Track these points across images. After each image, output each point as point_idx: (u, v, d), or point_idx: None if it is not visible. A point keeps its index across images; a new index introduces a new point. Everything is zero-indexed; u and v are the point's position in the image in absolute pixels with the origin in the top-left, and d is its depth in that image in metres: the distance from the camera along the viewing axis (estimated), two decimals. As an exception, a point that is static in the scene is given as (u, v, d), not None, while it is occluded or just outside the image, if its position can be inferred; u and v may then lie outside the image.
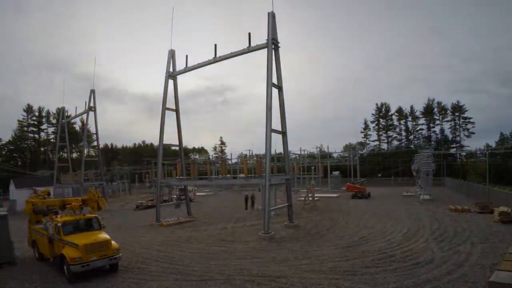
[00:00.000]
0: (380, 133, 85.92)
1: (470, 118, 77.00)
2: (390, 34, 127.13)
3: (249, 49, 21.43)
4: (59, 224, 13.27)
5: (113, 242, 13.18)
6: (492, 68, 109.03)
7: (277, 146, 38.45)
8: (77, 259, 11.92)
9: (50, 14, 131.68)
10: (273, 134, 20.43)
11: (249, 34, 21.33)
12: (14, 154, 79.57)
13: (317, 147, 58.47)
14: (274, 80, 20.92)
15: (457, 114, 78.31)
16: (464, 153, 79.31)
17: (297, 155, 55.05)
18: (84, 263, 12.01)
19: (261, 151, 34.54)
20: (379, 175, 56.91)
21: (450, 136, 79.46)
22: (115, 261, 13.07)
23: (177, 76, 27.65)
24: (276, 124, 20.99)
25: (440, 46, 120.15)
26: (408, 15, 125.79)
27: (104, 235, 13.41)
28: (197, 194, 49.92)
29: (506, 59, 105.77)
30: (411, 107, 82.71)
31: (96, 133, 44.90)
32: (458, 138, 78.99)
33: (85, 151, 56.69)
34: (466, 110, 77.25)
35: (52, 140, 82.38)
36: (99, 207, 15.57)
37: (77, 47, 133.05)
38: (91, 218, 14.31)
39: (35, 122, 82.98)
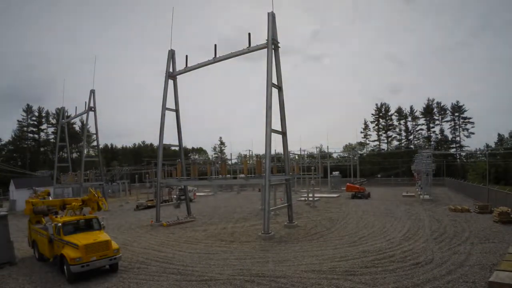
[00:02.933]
0: (380, 133, 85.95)
1: (469, 118, 77.15)
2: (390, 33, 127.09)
3: (249, 49, 21.44)
4: (59, 224, 13.33)
5: (113, 242, 13.28)
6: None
7: (277, 146, 38.58)
8: (77, 259, 11.95)
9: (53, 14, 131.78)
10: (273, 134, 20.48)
11: (249, 34, 21.37)
12: (14, 154, 79.46)
13: (317, 147, 58.53)
14: (274, 80, 20.94)
15: (456, 114, 78.40)
16: (464, 153, 79.38)
17: (297, 155, 55.06)
18: (84, 263, 12.05)
19: (261, 151, 34.51)
20: (379, 175, 56.90)
21: (449, 136, 79.59)
22: (115, 261, 13.13)
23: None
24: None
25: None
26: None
27: (104, 235, 13.47)
28: (197, 194, 49.90)
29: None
30: (411, 107, 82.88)
31: (96, 133, 44.85)
32: (458, 138, 79.09)
33: (85, 151, 56.57)
34: (466, 110, 77.39)
35: (52, 140, 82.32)
36: (99, 208, 15.56)
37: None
38: (91, 219, 14.35)
39: (35, 123, 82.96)
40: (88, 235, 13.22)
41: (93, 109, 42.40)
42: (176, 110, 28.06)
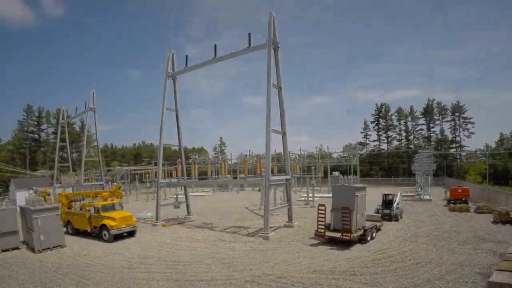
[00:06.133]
0: (380, 133, 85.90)
1: (470, 118, 77.08)
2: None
3: (249, 49, 21.45)
4: (99, 206, 20.16)
5: (133, 216, 20.46)
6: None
7: (277, 146, 38.52)
8: (114, 226, 18.94)
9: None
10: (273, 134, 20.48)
11: (249, 34, 21.40)
12: (14, 154, 79.47)
13: (317, 147, 58.47)
14: (274, 81, 20.93)
15: (457, 114, 78.34)
16: (464, 153, 79.32)
17: (297, 155, 55.03)
18: (119, 228, 19.10)
19: (261, 151, 34.50)
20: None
21: (450, 136, 79.54)
22: (135, 229, 20.39)
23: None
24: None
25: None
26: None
27: (127, 212, 20.61)
28: (197, 194, 49.88)
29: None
30: (411, 107, 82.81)
31: (96, 133, 44.79)
32: (458, 138, 79.04)
33: (85, 151, 56.53)
34: (466, 110, 77.32)
35: (52, 140, 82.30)
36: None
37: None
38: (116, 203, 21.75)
39: (35, 123, 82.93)
40: (117, 212, 20.29)
41: (93, 109, 42.36)
42: (176, 110, 28.08)
